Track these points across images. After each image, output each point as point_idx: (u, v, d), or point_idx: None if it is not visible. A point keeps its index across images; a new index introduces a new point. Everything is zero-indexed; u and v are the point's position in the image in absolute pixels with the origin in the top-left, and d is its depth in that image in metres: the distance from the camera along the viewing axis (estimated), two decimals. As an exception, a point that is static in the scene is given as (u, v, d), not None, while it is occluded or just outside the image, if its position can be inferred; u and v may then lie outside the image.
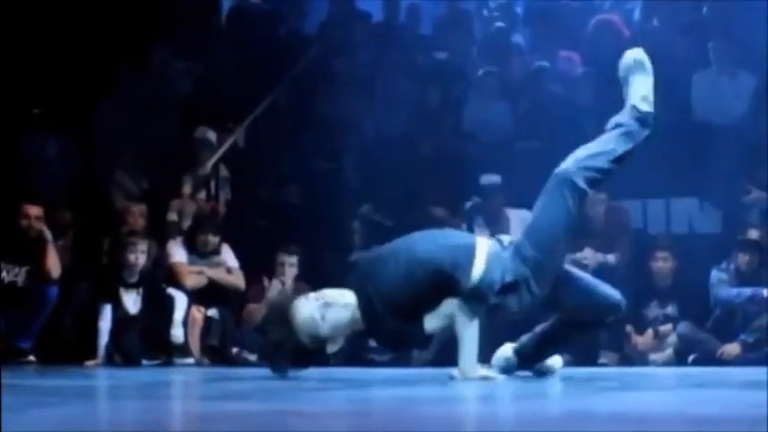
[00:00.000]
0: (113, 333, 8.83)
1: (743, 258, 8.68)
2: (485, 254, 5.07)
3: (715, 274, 8.71)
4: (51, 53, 10.82)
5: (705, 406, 3.43)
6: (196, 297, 9.18)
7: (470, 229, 8.96)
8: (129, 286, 8.98)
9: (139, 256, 9.00)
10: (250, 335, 9.29)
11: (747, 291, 8.54)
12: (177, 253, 9.38)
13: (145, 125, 10.99)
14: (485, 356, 5.18)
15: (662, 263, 8.98)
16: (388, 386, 4.72)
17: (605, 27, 11.39)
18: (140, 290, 9.00)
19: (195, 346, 9.05)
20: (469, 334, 4.91)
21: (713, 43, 10.34)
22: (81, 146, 10.79)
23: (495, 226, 9.32)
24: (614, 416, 2.98)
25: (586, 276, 5.46)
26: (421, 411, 3.25)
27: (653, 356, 8.73)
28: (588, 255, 9.03)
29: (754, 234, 8.85)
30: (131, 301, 8.98)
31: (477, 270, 5.01)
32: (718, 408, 3.32)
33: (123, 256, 9.00)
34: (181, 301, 9.08)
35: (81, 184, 10.53)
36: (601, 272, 8.96)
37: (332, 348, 5.04)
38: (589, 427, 2.66)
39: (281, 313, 5.05)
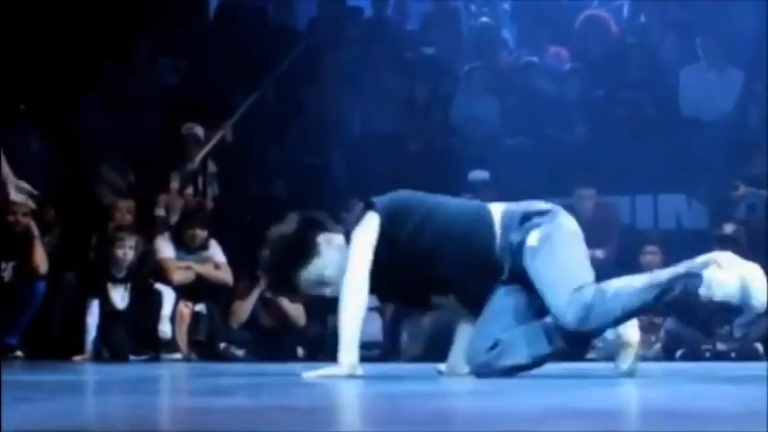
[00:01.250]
0: (101, 328, 8.83)
1: None
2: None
3: None
4: (37, 49, 10.79)
5: (693, 401, 3.43)
6: (184, 292, 9.18)
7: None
8: (117, 281, 8.98)
9: (128, 252, 9.00)
10: (238, 330, 9.30)
11: None
12: (165, 248, 9.38)
13: (132, 120, 10.98)
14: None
15: (651, 257, 9.01)
16: (377, 381, 4.71)
17: (594, 23, 11.41)
18: (128, 285, 8.99)
19: (183, 341, 9.05)
20: None
21: (701, 39, 10.36)
22: (67, 142, 10.77)
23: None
24: (602, 411, 2.98)
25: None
26: (408, 406, 3.25)
27: (641, 352, 8.75)
28: (576, 250, 9.03)
29: (729, 229, 8.87)
30: (119, 297, 8.98)
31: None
32: (707, 403, 3.32)
33: (111, 252, 9.00)
34: (168, 296, 9.07)
35: (67, 180, 10.51)
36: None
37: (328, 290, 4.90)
38: (576, 422, 2.66)
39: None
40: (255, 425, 2.57)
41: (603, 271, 8.84)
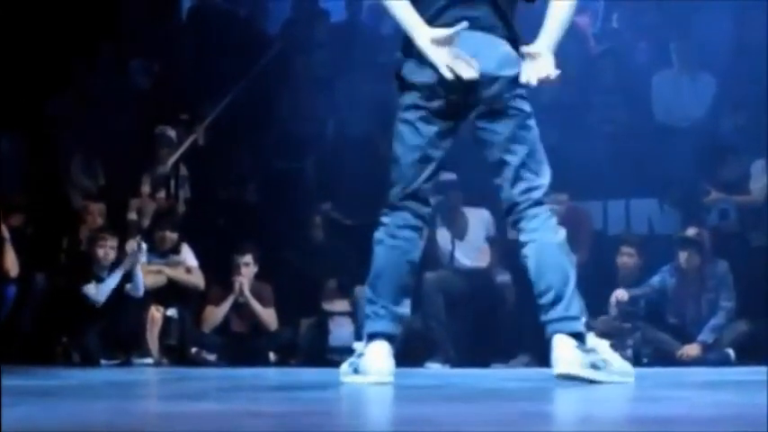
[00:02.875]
0: (73, 331, 8.84)
1: (682, 256, 8.80)
2: None
3: None
4: (7, 50, 10.72)
5: (664, 407, 3.43)
6: (155, 297, 9.14)
7: (432, 227, 8.89)
8: (99, 281, 8.98)
9: (109, 252, 9.05)
10: (209, 335, 9.27)
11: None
12: (136, 252, 9.35)
13: (103, 123, 10.93)
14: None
15: (627, 258, 9.05)
16: (347, 385, 4.70)
17: (570, 29, 11.41)
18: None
19: (154, 345, 9.01)
20: None
21: (674, 44, 10.39)
22: (38, 144, 10.71)
23: (453, 223, 9.35)
24: (571, 416, 2.98)
25: None
26: (375, 411, 3.24)
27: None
28: (549, 255, 9.04)
29: (691, 232, 8.92)
30: (102, 296, 8.99)
31: None
32: (677, 409, 3.32)
33: (92, 252, 9.04)
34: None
35: (38, 183, 10.45)
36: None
37: None
38: (544, 427, 2.65)
39: None
40: (225, 430, 2.56)
41: (576, 276, 8.91)
